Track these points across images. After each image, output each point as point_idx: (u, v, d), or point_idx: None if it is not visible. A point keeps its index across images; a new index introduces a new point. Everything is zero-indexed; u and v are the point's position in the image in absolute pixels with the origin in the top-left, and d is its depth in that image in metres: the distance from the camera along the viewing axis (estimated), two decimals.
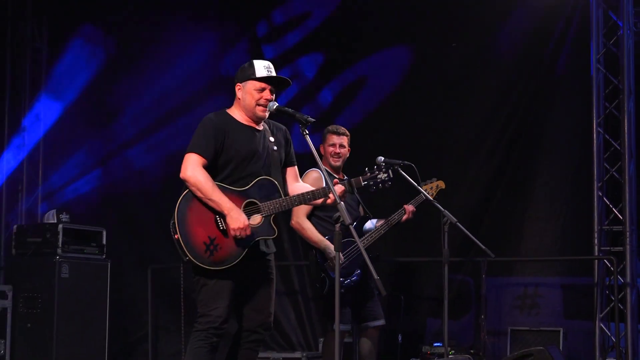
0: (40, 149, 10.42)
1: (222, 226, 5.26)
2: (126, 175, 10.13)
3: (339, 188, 5.36)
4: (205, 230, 5.25)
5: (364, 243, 6.59)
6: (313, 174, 6.78)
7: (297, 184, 5.68)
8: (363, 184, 5.50)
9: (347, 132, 6.98)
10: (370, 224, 6.90)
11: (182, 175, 5.30)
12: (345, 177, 6.84)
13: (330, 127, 6.98)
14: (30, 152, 10.36)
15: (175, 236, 5.20)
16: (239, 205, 5.29)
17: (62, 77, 10.39)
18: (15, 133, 10.32)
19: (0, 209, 10.11)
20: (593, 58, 8.41)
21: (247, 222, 5.24)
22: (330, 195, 5.29)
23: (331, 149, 6.86)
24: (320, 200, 5.50)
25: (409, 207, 6.87)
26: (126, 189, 10.06)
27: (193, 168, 5.26)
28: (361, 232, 6.78)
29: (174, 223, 5.23)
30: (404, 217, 6.87)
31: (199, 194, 5.25)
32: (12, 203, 10.22)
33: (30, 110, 10.41)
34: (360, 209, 7.00)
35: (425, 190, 6.76)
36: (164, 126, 10.05)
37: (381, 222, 6.85)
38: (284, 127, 5.75)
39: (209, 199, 5.23)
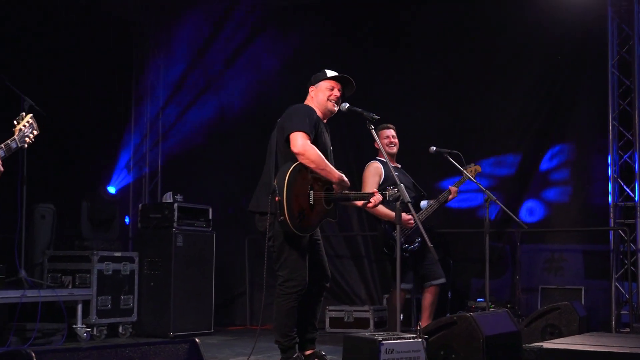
0: (159, 144, 10.67)
1: (312, 201, 5.29)
2: (226, 164, 10.21)
3: (377, 198, 5.48)
4: (301, 201, 5.22)
5: (420, 217, 6.68)
6: (374, 164, 6.86)
7: None
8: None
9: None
10: (424, 202, 6.97)
11: (296, 149, 5.23)
12: (399, 165, 7.12)
13: (384, 125, 6.97)
14: (150, 146, 10.61)
15: (277, 198, 5.13)
16: (321, 189, 5.38)
17: (174, 84, 10.59)
18: (139, 132, 10.64)
19: (128, 193, 10.41)
20: (609, 63, 8.46)
21: (347, 183, 5.39)
22: (372, 200, 5.46)
23: (386, 140, 6.91)
24: (360, 204, 5.75)
25: (453, 188, 6.97)
26: (226, 175, 10.13)
27: (306, 143, 5.23)
28: (418, 209, 6.84)
29: (281, 188, 5.14)
30: (450, 197, 6.96)
31: (312, 165, 5.23)
32: (137, 187, 10.54)
33: (151, 114, 10.66)
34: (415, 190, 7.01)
35: (466, 172, 6.90)
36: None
37: (432, 201, 6.96)
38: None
39: (322, 169, 5.25)
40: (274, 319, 5.42)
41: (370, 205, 5.53)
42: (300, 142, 5.23)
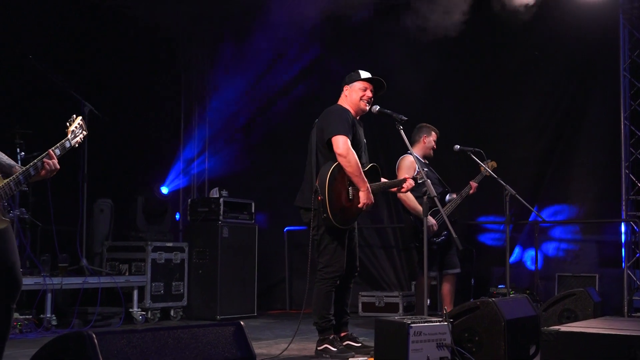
0: (206, 145, 10.70)
1: (351, 196, 5.36)
2: (266, 163, 10.22)
3: (409, 183, 5.57)
4: (341, 199, 5.32)
5: (445, 211, 6.62)
6: (409, 157, 6.77)
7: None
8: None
9: None
10: (449, 197, 6.94)
11: (339, 151, 5.28)
12: (427, 162, 7.01)
13: (431, 126, 7.03)
14: (200, 148, 10.65)
15: (319, 197, 5.25)
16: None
17: (220, 92, 10.59)
18: (188, 135, 10.72)
19: (179, 189, 10.45)
20: (620, 66, 8.35)
21: (372, 201, 5.39)
22: (405, 185, 5.56)
23: (433, 143, 6.96)
24: (394, 189, 5.75)
25: (473, 184, 6.96)
26: (267, 172, 10.13)
27: (348, 147, 5.29)
28: (444, 203, 6.82)
29: (323, 187, 5.24)
30: (470, 191, 6.94)
31: (349, 169, 5.29)
32: (187, 185, 10.59)
33: (199, 119, 10.71)
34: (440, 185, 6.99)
35: (484, 169, 6.87)
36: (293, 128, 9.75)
37: (454, 195, 6.93)
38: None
39: (356, 175, 5.30)
40: (313, 302, 5.50)
41: (403, 189, 5.60)
42: (343, 145, 5.30)
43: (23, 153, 7.01)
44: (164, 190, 9.46)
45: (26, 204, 7.38)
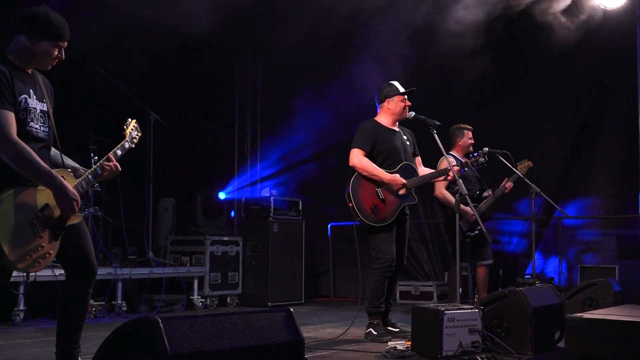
0: (257, 150, 10.79)
1: (382, 196, 5.38)
2: (311, 165, 10.21)
3: (453, 172, 5.42)
4: (370, 200, 5.38)
5: (481, 207, 6.68)
6: (450, 157, 6.60)
7: (422, 168, 5.77)
8: (472, 162, 5.70)
9: None
10: (486, 194, 6.87)
11: (350, 163, 5.45)
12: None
13: (463, 125, 6.99)
14: (252, 153, 10.74)
15: (350, 204, 5.37)
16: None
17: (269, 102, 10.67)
18: (242, 141, 10.83)
19: (234, 189, 10.49)
20: (638, 73, 8.20)
21: (403, 181, 5.40)
22: (450, 173, 5.40)
23: (469, 142, 6.93)
24: (441, 178, 5.63)
25: (509, 184, 6.83)
26: (313, 173, 10.16)
27: (358, 157, 5.42)
28: (481, 200, 6.77)
29: (348, 195, 5.38)
30: (505, 190, 6.83)
31: (365, 174, 5.39)
32: (241, 184, 10.64)
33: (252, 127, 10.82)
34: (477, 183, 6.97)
35: (519, 169, 6.76)
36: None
37: (490, 192, 6.83)
38: (410, 131, 5.86)
39: (373, 175, 5.37)
40: (367, 291, 5.49)
41: (449, 178, 5.54)
42: (354, 157, 5.47)
43: (96, 157, 7.13)
44: (222, 195, 9.51)
45: (99, 203, 7.50)
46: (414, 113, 5.59)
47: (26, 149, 3.28)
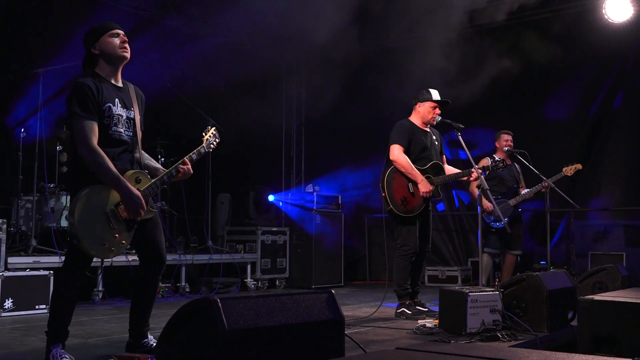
0: (302, 151, 10.72)
1: (412, 190, 5.33)
2: (349, 164, 10.10)
3: (475, 172, 5.34)
4: (401, 192, 5.34)
5: (513, 201, 6.62)
6: (484, 159, 6.73)
7: (447, 167, 5.68)
8: (491, 166, 5.59)
9: None
10: (524, 191, 6.77)
11: (391, 157, 5.38)
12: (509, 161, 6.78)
13: (503, 130, 6.93)
14: (297, 154, 10.71)
15: (383, 194, 5.35)
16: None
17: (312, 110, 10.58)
18: (289, 144, 10.78)
19: (280, 182, 10.57)
20: None
21: (431, 188, 5.33)
22: (473, 172, 5.31)
23: (505, 143, 6.82)
24: (464, 177, 5.54)
25: (546, 183, 6.55)
26: (350, 171, 10.07)
27: (399, 153, 5.35)
28: (516, 195, 6.72)
29: (383, 187, 5.35)
30: (542, 189, 6.61)
31: (402, 169, 5.33)
32: (287, 182, 10.68)
33: (297, 132, 10.68)
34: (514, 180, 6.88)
35: (565, 171, 6.62)
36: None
37: (527, 191, 6.72)
38: (438, 131, 5.77)
39: (409, 172, 5.31)
40: (394, 274, 5.45)
41: (472, 178, 5.47)
42: (395, 152, 5.39)
43: (163, 159, 7.23)
44: (271, 198, 9.54)
45: (166, 198, 7.61)
46: (440, 117, 5.53)
47: (101, 155, 3.33)
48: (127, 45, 3.55)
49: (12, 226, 6.31)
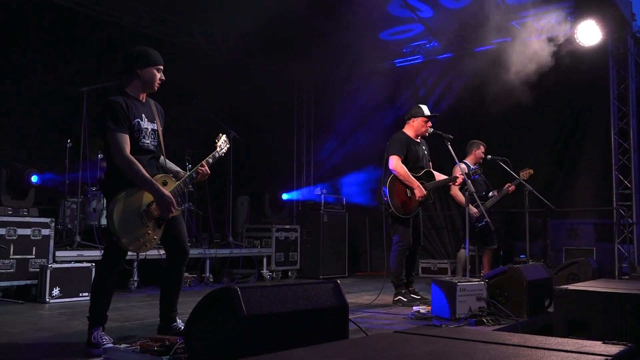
0: (311, 158, 10.69)
1: (409, 195, 5.33)
2: (353, 170, 10.00)
3: (460, 179, 5.39)
4: (401, 197, 5.33)
5: (487, 204, 6.51)
6: (461, 165, 6.50)
7: (437, 174, 5.61)
8: (472, 173, 5.60)
9: None
10: (491, 194, 6.70)
11: (391, 166, 5.33)
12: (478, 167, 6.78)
13: (480, 141, 6.79)
14: (307, 161, 10.61)
15: (385, 199, 5.30)
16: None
17: (320, 121, 10.55)
18: (300, 151, 10.74)
19: (292, 186, 10.55)
20: (611, 96, 7.98)
21: (425, 193, 5.32)
22: (459, 180, 5.36)
23: (482, 154, 6.73)
24: (451, 183, 5.56)
25: (511, 187, 6.63)
26: (354, 176, 9.96)
27: (397, 163, 5.32)
28: (487, 198, 6.61)
29: (385, 191, 5.30)
30: (509, 191, 6.63)
31: (400, 177, 5.31)
32: (298, 184, 10.69)
33: (307, 141, 10.75)
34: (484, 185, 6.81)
35: (522, 175, 6.58)
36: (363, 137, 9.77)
37: (495, 192, 6.67)
38: (425, 142, 5.70)
39: (407, 180, 5.29)
40: (390, 267, 5.44)
41: (457, 183, 5.50)
42: (394, 162, 5.36)
43: (190, 165, 7.24)
44: (284, 196, 9.54)
45: (192, 199, 7.60)
46: (432, 129, 5.50)
47: (135, 163, 3.33)
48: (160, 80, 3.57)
49: (59, 224, 6.39)
